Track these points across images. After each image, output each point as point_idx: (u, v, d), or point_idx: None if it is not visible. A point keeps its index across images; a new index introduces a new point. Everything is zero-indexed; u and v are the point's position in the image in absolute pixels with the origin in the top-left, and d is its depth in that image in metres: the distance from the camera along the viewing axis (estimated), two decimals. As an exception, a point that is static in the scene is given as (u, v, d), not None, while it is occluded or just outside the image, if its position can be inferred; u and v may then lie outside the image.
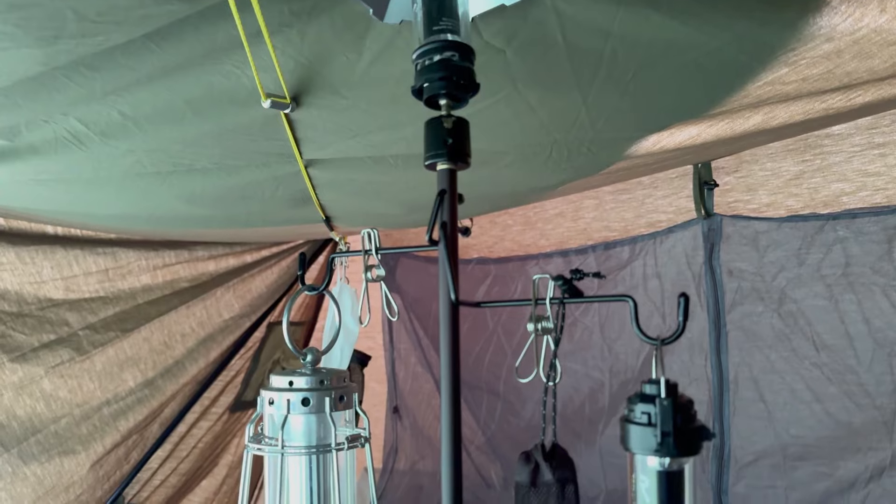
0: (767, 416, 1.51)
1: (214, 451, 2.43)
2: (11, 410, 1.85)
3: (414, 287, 2.35)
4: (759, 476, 1.50)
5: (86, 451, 1.97)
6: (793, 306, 1.51)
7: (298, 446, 0.70)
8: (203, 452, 2.35)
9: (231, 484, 2.59)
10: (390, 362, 2.49)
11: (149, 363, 2.04)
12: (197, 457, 2.33)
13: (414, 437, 2.51)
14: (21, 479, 1.89)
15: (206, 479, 2.51)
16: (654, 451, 0.55)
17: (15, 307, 1.81)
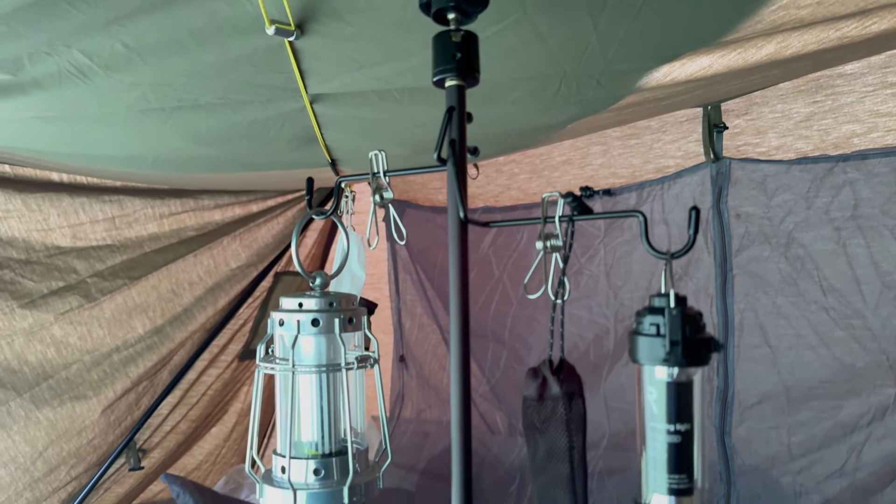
0: (772, 359, 1.52)
1: (224, 398, 2.46)
2: (23, 356, 1.87)
3: (420, 238, 2.35)
4: (762, 418, 1.52)
5: (97, 397, 2.00)
6: (800, 250, 1.50)
7: (309, 365, 0.71)
8: (212, 400, 2.38)
9: (241, 431, 2.63)
10: (396, 312, 2.51)
11: (157, 311, 2.06)
12: (207, 404, 2.36)
13: (420, 386, 2.53)
14: (34, 423, 1.93)
15: (216, 427, 2.55)
16: (663, 362, 0.56)
17: (23, 254, 1.82)
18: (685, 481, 0.57)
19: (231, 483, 2.30)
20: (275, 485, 0.71)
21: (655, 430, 0.57)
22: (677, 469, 0.57)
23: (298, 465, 0.71)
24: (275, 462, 0.73)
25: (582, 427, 0.65)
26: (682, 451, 0.56)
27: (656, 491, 0.57)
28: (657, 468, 0.57)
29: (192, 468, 2.54)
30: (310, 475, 0.70)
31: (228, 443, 2.61)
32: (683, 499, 0.57)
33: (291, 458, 0.70)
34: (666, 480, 0.57)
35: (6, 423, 1.88)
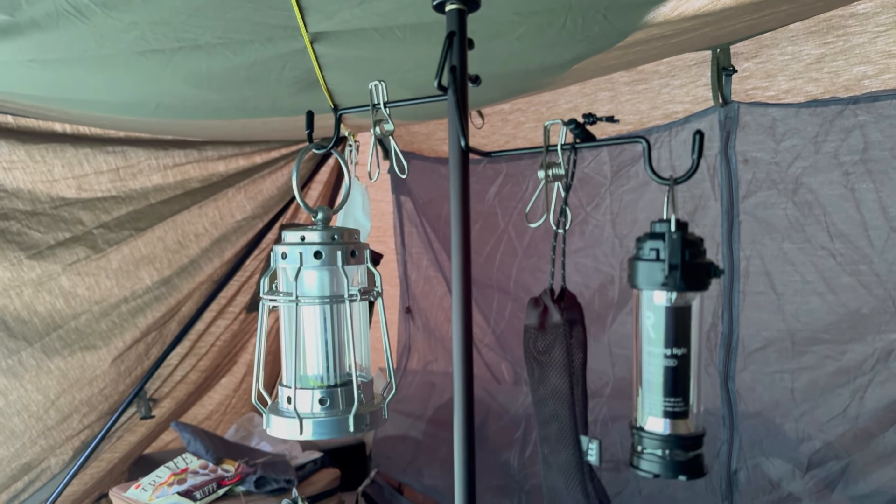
0: (777, 304, 1.52)
1: (233, 349, 2.49)
2: (32, 307, 1.89)
3: (425, 189, 2.35)
4: (767, 362, 1.52)
5: (106, 347, 2.03)
6: (808, 195, 1.49)
7: (312, 297, 0.71)
8: (221, 351, 2.41)
9: (250, 382, 2.67)
10: (402, 265, 2.51)
11: (164, 262, 2.07)
12: (216, 355, 2.39)
13: (426, 338, 2.55)
14: (46, 373, 1.96)
15: (226, 377, 2.59)
16: (661, 286, 0.56)
17: (29, 205, 1.83)
18: (681, 405, 0.57)
19: (241, 431, 2.35)
20: (281, 415, 0.72)
21: (652, 355, 0.57)
22: (673, 392, 0.57)
23: (304, 395, 0.71)
24: (280, 393, 0.74)
25: (582, 353, 0.66)
26: (679, 375, 0.56)
27: (651, 414, 0.58)
28: (653, 392, 0.58)
29: (203, 418, 2.58)
30: (315, 405, 0.71)
31: (238, 393, 2.66)
32: (678, 421, 0.57)
33: (297, 388, 0.71)
34: (661, 404, 0.57)
35: (18, 372, 1.91)
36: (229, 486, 1.92)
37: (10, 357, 1.89)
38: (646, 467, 0.58)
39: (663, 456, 0.57)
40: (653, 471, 0.57)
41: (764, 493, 1.55)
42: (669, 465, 0.57)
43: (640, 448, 0.58)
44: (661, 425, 0.57)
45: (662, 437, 0.56)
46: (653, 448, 0.57)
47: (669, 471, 0.57)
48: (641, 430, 0.58)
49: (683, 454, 0.57)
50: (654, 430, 0.57)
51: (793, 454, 1.52)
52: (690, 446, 0.57)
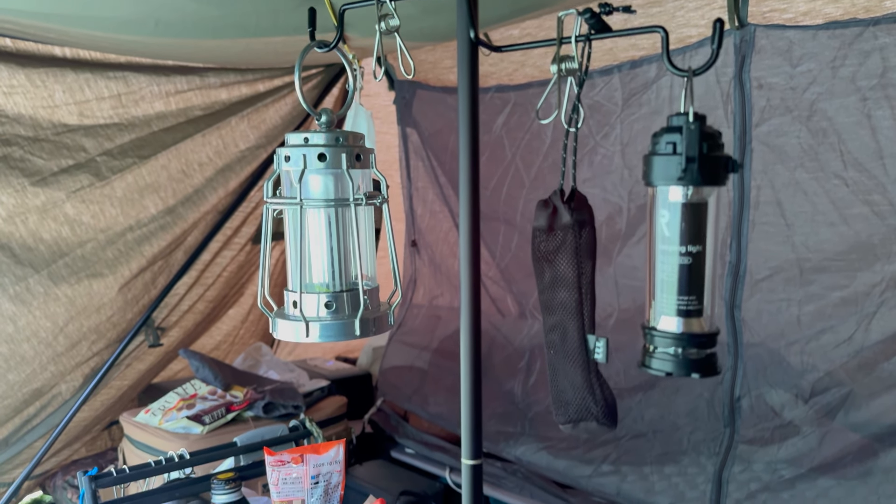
0: (787, 231, 1.50)
1: (239, 280, 2.50)
2: (37, 234, 1.89)
3: (431, 120, 2.31)
4: (774, 290, 1.52)
5: (113, 275, 2.03)
6: (823, 121, 1.45)
7: (317, 199, 0.70)
8: (228, 282, 2.42)
9: (257, 313, 2.69)
10: (408, 199, 2.49)
11: (168, 191, 2.05)
12: (222, 286, 2.40)
13: (433, 272, 2.55)
14: (53, 300, 1.97)
15: (233, 308, 2.60)
16: (678, 181, 0.54)
17: (31, 131, 1.80)
18: (694, 303, 0.56)
19: (249, 360, 2.37)
20: (287, 319, 0.71)
21: (667, 253, 0.56)
22: (687, 291, 0.56)
23: (310, 300, 0.71)
24: (287, 298, 0.74)
25: (591, 255, 0.64)
26: (693, 273, 0.55)
27: (665, 313, 0.57)
28: (667, 291, 0.57)
29: (211, 348, 2.61)
30: (321, 309, 0.71)
31: (246, 324, 2.68)
32: (692, 320, 0.57)
33: (303, 293, 0.71)
34: (675, 302, 0.56)
35: (26, 298, 1.92)
36: (238, 412, 1.95)
37: (18, 284, 1.90)
38: (657, 366, 0.57)
39: (676, 354, 0.56)
40: (664, 369, 0.57)
41: (766, 420, 1.57)
42: (682, 363, 0.56)
43: (652, 348, 0.57)
44: (675, 324, 0.56)
45: (675, 336, 0.56)
46: (665, 347, 0.56)
47: (682, 369, 0.56)
48: (654, 329, 0.57)
49: (697, 352, 0.56)
50: (666, 329, 0.56)
51: (796, 382, 1.53)
52: (704, 344, 0.56)
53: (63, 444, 2.28)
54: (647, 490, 1.71)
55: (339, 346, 3.15)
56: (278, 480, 1.16)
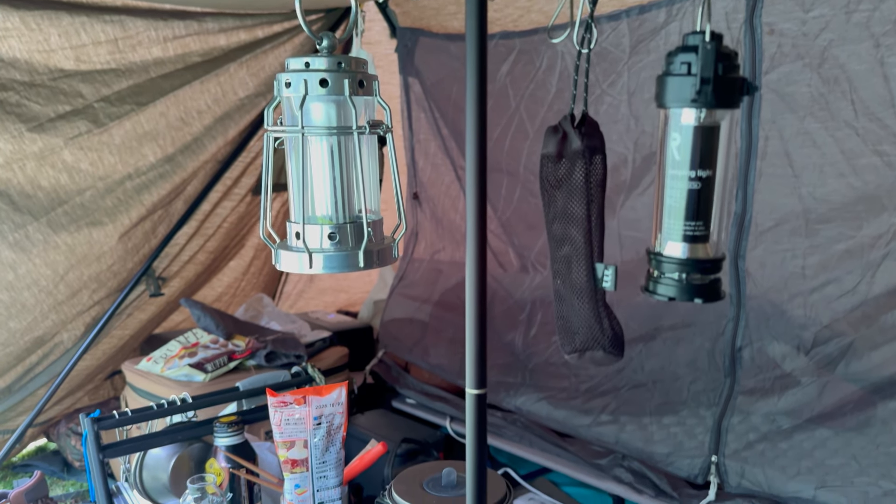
0: (794, 181, 1.48)
1: (240, 231, 2.49)
2: (35, 181, 1.87)
3: (433, 69, 2.27)
4: (779, 241, 1.51)
5: (113, 224, 2.02)
6: (835, 69, 1.42)
7: (319, 127, 0.68)
8: (229, 232, 2.40)
9: (259, 265, 2.68)
10: (409, 150, 2.47)
11: (167, 139, 2.03)
12: (223, 236, 2.39)
13: (434, 226, 2.53)
14: (53, 248, 1.96)
15: (234, 260, 2.60)
16: (691, 102, 0.52)
17: (27, 76, 1.77)
18: (701, 228, 0.55)
19: (251, 311, 2.38)
20: (290, 250, 0.70)
21: (676, 178, 0.55)
22: (695, 216, 0.55)
23: (313, 231, 0.70)
24: (289, 229, 0.72)
25: (602, 183, 0.63)
26: (701, 198, 0.54)
27: (671, 239, 0.56)
28: (674, 217, 0.56)
29: (212, 300, 2.61)
30: (325, 240, 0.69)
31: (247, 276, 2.68)
32: (698, 245, 0.56)
33: (305, 224, 0.69)
34: (682, 227, 0.55)
35: (26, 246, 1.91)
36: (240, 360, 1.96)
37: (17, 231, 1.88)
38: (661, 291, 0.56)
39: (680, 280, 0.55)
40: (668, 294, 0.56)
41: (766, 371, 1.57)
42: (686, 288, 0.55)
43: (656, 273, 0.56)
44: (680, 249, 0.55)
45: (681, 261, 0.55)
46: (670, 272, 0.55)
47: (686, 294, 0.55)
48: (659, 255, 0.56)
49: (701, 278, 0.55)
50: (672, 254, 0.55)
51: (798, 332, 1.53)
52: (709, 270, 0.55)
53: (66, 393, 2.30)
54: (645, 440, 1.73)
55: (340, 300, 3.16)
56: (281, 421, 1.17)
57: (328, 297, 3.13)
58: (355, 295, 3.15)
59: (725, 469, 1.57)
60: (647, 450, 1.71)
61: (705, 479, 1.60)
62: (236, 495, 1.35)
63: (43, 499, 1.86)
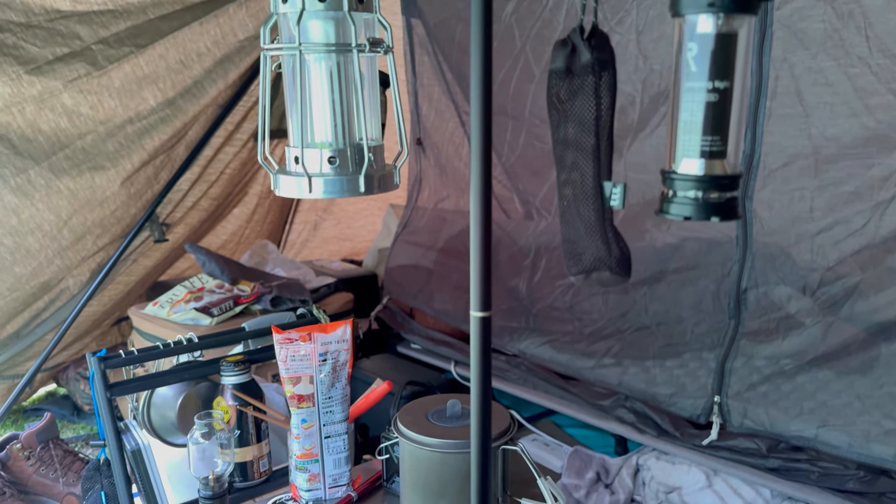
0: (805, 119, 1.45)
1: (243, 178, 2.47)
2: (35, 124, 1.85)
3: (436, 9, 2.21)
4: (787, 180, 1.48)
5: (115, 168, 2.01)
6: (850, 2, 1.38)
7: (317, 44, 0.66)
8: (231, 179, 2.39)
9: (262, 213, 2.68)
10: (413, 94, 2.43)
11: (167, 82, 2.00)
12: (226, 183, 2.37)
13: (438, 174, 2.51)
14: (56, 193, 1.95)
15: (238, 208, 2.59)
16: (708, 7, 0.50)
17: (22, 17, 1.74)
18: (718, 143, 0.54)
19: (255, 257, 2.38)
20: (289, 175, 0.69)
21: (692, 91, 0.53)
22: (712, 130, 0.53)
23: (312, 154, 0.68)
24: (288, 154, 0.71)
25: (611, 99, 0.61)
26: (719, 110, 0.52)
27: (686, 156, 0.55)
28: (690, 132, 0.54)
29: (217, 247, 2.61)
30: (324, 164, 0.68)
31: (251, 224, 2.67)
32: (715, 161, 0.54)
33: (305, 147, 0.68)
34: (699, 142, 0.53)
35: (28, 191, 1.90)
36: (245, 305, 1.97)
37: (19, 175, 1.87)
38: (676, 211, 0.55)
39: (696, 198, 0.54)
40: (683, 213, 0.55)
41: (771, 312, 1.57)
42: (702, 206, 0.54)
43: (671, 193, 0.55)
44: (696, 166, 0.54)
45: (696, 179, 0.53)
46: (685, 190, 0.54)
47: (702, 212, 0.54)
48: (675, 173, 0.55)
49: (718, 195, 0.54)
50: (687, 171, 0.54)
51: (804, 274, 1.52)
52: (726, 187, 0.54)
53: (73, 338, 2.32)
54: (648, 381, 1.74)
55: (344, 249, 3.16)
56: (286, 357, 1.17)
57: (332, 245, 3.13)
58: (360, 244, 3.14)
59: (728, 409, 1.58)
60: (649, 391, 1.72)
61: (708, 419, 1.62)
62: (244, 432, 1.36)
63: (53, 440, 1.89)
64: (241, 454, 1.37)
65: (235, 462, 1.37)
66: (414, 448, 0.93)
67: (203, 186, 2.30)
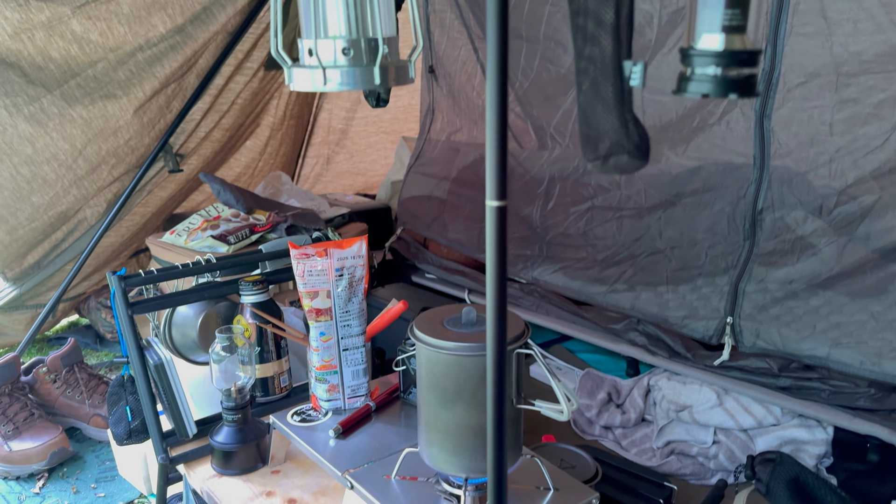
0: (827, 36, 1.42)
1: (255, 108, 2.46)
2: (46, 52, 1.84)
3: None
4: (807, 97, 1.46)
5: (127, 97, 2.00)
6: None
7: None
8: (243, 109, 2.38)
9: (275, 146, 2.67)
10: (425, 19, 2.38)
11: (176, 8, 1.97)
12: (238, 113, 2.36)
13: (451, 105, 2.48)
14: (69, 121, 1.96)
15: (250, 140, 2.59)
16: None
17: (27, -60, 1.71)
18: (738, 17, 0.53)
19: (270, 188, 2.38)
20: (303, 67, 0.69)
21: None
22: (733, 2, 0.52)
23: (326, 45, 0.68)
24: (301, 46, 0.70)
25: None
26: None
27: (706, 31, 0.54)
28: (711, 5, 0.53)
29: (231, 180, 2.62)
30: (339, 55, 0.68)
31: (264, 156, 2.67)
32: (734, 36, 0.53)
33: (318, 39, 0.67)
34: (720, 16, 0.52)
35: (42, 119, 1.91)
36: (261, 233, 1.98)
37: (32, 104, 1.88)
38: (694, 88, 0.55)
39: (714, 75, 0.53)
40: (701, 91, 0.54)
41: (786, 233, 1.56)
42: (721, 82, 0.53)
43: (689, 71, 0.54)
44: (717, 41, 0.53)
45: (716, 54, 0.53)
46: (704, 67, 0.53)
47: (720, 88, 0.53)
48: (693, 49, 0.54)
49: (738, 72, 0.53)
50: (707, 46, 0.53)
51: (821, 193, 1.50)
52: (745, 62, 0.53)
53: (93, 269, 2.35)
54: (661, 306, 1.75)
55: (358, 183, 3.16)
56: (304, 272, 1.19)
57: (345, 180, 3.13)
58: (372, 178, 3.14)
59: (740, 329, 1.60)
60: (662, 314, 1.73)
61: (720, 340, 1.63)
62: (264, 349, 1.39)
63: (78, 364, 1.94)
64: (262, 370, 1.40)
65: (256, 378, 1.40)
66: (430, 352, 0.94)
67: (215, 116, 2.30)
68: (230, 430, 1.26)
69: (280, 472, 1.27)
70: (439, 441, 0.97)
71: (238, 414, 1.26)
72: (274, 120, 2.56)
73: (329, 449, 1.13)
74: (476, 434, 0.94)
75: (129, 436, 1.39)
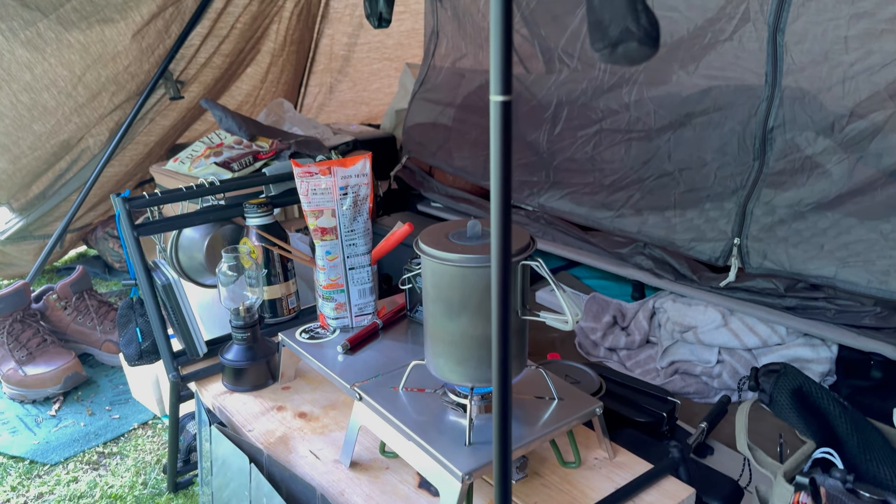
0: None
1: (254, 33, 2.41)
2: (40, -27, 1.79)
3: None
4: (822, 10, 1.41)
5: (124, 21, 1.96)
6: None
7: None
8: (243, 34, 2.33)
9: (276, 73, 2.62)
10: (428, -60, 2.30)
11: (171, -74, 1.91)
12: (237, 38, 2.31)
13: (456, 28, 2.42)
14: (67, 47, 1.92)
15: (251, 67, 2.54)
16: None
17: None
18: None
19: (272, 115, 2.35)
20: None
21: None
22: None
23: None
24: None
25: None
26: None
27: None
28: None
29: (233, 107, 2.59)
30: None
31: (265, 84, 2.63)
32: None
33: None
34: None
35: (38, 45, 1.87)
36: (265, 160, 1.97)
37: (28, 28, 1.84)
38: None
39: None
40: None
41: (796, 152, 1.53)
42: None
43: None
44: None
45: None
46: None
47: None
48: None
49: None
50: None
51: (833, 110, 1.47)
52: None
53: (98, 199, 2.35)
54: (668, 229, 1.74)
55: (361, 113, 3.11)
56: (308, 191, 1.18)
57: (349, 109, 3.09)
58: (376, 108, 3.09)
59: (747, 250, 1.59)
60: (669, 237, 1.73)
61: (726, 261, 1.63)
62: (271, 271, 1.40)
63: (87, 290, 1.96)
64: (270, 292, 1.41)
65: (265, 300, 1.41)
66: (436, 265, 0.94)
67: (214, 42, 2.25)
68: (240, 349, 1.28)
69: (290, 388, 1.29)
70: (445, 352, 0.98)
71: (247, 332, 1.27)
72: (274, 46, 2.50)
73: (338, 364, 1.15)
74: (481, 344, 0.95)
75: (140, 356, 1.41)
